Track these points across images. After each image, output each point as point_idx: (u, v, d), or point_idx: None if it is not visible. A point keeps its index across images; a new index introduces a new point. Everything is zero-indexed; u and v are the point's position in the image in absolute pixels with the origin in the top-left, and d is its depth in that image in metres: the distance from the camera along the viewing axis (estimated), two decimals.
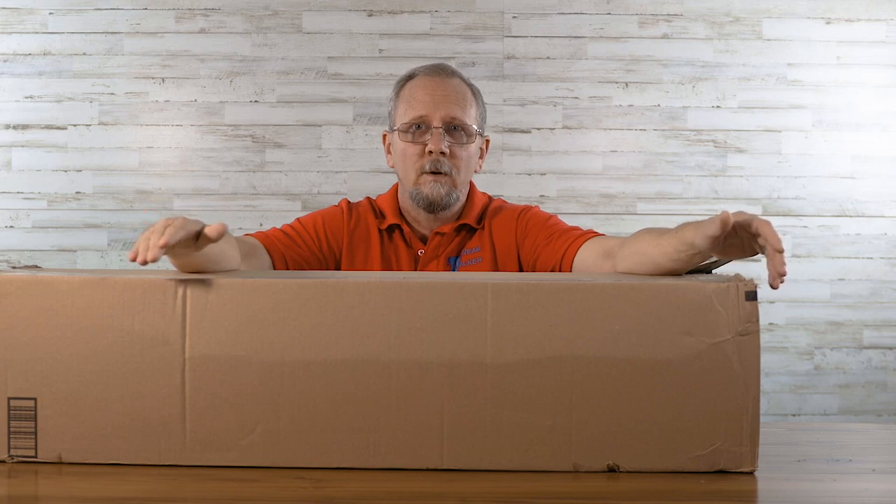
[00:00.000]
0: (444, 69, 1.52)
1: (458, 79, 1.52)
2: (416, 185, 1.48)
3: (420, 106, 1.47)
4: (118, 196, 2.72)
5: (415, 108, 1.48)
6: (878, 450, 1.14)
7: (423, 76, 1.51)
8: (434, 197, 1.46)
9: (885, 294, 2.76)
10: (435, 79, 1.50)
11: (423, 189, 1.47)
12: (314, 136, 2.74)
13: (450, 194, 1.48)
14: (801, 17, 2.75)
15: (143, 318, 0.94)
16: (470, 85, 1.54)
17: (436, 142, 1.45)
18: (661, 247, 1.04)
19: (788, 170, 2.75)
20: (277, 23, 2.73)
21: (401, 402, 0.94)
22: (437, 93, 1.48)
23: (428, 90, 1.48)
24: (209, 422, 0.94)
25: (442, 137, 1.46)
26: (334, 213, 1.54)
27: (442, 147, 1.45)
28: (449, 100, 1.48)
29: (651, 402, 0.93)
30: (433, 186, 1.46)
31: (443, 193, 1.47)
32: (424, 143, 1.47)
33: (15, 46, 2.71)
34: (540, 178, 2.75)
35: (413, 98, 1.49)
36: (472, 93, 1.52)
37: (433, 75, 1.50)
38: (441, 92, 1.48)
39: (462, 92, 1.50)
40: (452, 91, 1.49)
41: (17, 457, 0.96)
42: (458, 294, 0.94)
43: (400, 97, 1.52)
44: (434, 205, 1.48)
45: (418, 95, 1.48)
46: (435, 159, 1.46)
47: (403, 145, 1.49)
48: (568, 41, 2.75)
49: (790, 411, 2.75)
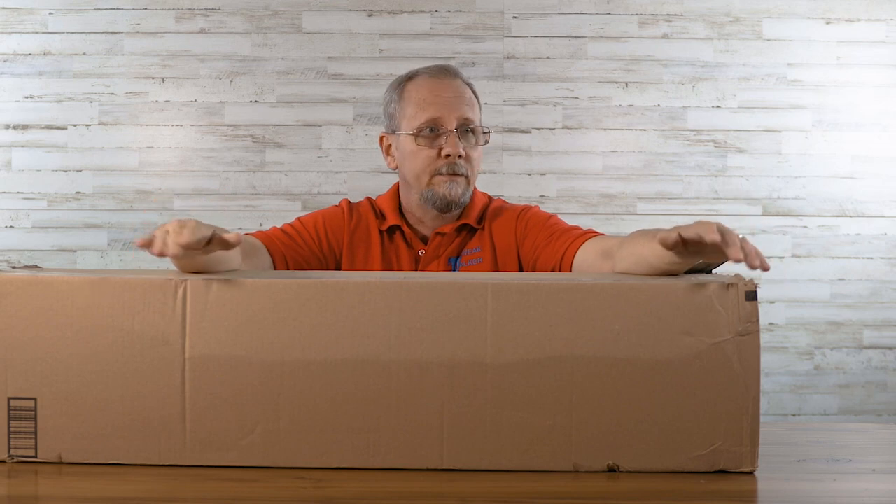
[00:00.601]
0: (447, 70, 1.51)
1: (460, 79, 1.52)
2: (430, 187, 1.47)
3: (432, 108, 1.46)
4: (118, 196, 2.72)
5: (427, 110, 1.46)
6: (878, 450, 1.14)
7: (427, 77, 1.50)
8: (452, 196, 1.46)
9: (885, 294, 2.76)
10: (443, 80, 1.49)
11: (439, 189, 1.46)
12: (314, 136, 2.74)
13: (465, 193, 1.48)
14: (801, 17, 2.75)
15: (143, 318, 0.94)
16: (470, 84, 1.53)
17: (453, 145, 1.45)
18: (654, 249, 1.05)
19: (788, 170, 2.75)
20: (277, 23, 2.73)
21: (401, 402, 0.94)
22: (446, 94, 1.47)
23: (436, 91, 1.47)
24: (209, 422, 0.94)
25: (458, 140, 1.46)
26: (335, 213, 1.54)
27: (460, 150, 1.45)
28: (460, 101, 1.47)
29: (651, 402, 0.93)
30: (450, 186, 1.46)
31: (459, 193, 1.47)
32: (439, 147, 1.46)
33: (15, 46, 2.71)
34: (540, 178, 2.75)
35: (422, 100, 1.47)
36: (472, 92, 1.52)
37: (439, 76, 1.50)
38: (451, 93, 1.47)
39: (469, 93, 1.51)
40: (461, 92, 1.49)
41: (17, 457, 0.96)
42: (458, 294, 0.94)
43: (405, 99, 1.50)
44: (451, 204, 1.47)
45: (427, 97, 1.47)
46: (452, 162, 1.45)
47: (416, 148, 1.47)
48: (568, 41, 2.75)
49: (790, 411, 2.75)
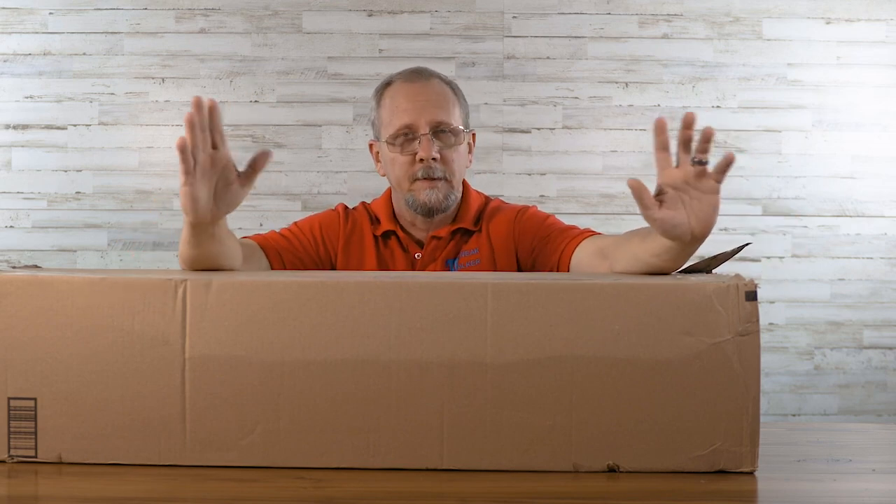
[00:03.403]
0: (421, 72, 1.51)
1: (436, 79, 1.51)
2: (411, 192, 1.47)
3: (404, 114, 1.46)
4: (118, 196, 2.72)
5: (399, 116, 1.46)
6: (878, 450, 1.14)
7: (401, 82, 1.49)
8: (432, 203, 1.46)
9: (885, 294, 2.76)
10: (414, 84, 1.48)
11: (419, 196, 1.46)
12: (314, 136, 2.74)
13: (447, 197, 1.47)
14: (801, 17, 2.75)
15: (143, 318, 0.94)
16: (449, 82, 1.52)
17: (426, 149, 1.44)
18: (648, 246, 1.06)
19: (788, 170, 2.75)
20: (277, 23, 2.73)
21: (401, 402, 0.94)
22: (419, 98, 1.46)
23: (409, 97, 1.47)
24: (209, 422, 0.94)
25: (431, 143, 1.45)
26: (331, 217, 1.54)
27: (432, 153, 1.44)
28: (431, 104, 1.46)
29: (651, 402, 0.93)
30: (429, 193, 1.45)
31: (440, 198, 1.46)
32: (414, 152, 1.45)
33: (15, 46, 2.71)
34: (540, 178, 2.74)
35: (396, 107, 1.47)
36: (452, 91, 1.51)
37: (412, 80, 1.49)
38: (423, 97, 1.46)
39: (443, 93, 1.49)
40: (434, 94, 1.48)
41: (17, 457, 0.96)
42: (458, 294, 0.94)
43: (381, 106, 1.50)
44: (432, 210, 1.47)
45: (400, 104, 1.47)
46: (427, 166, 1.45)
47: (392, 155, 1.47)
48: (568, 41, 2.75)
49: (790, 411, 2.75)
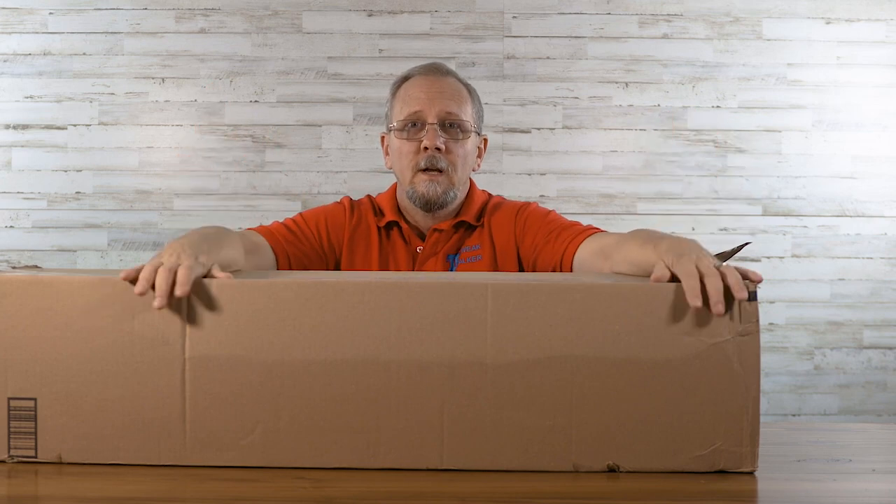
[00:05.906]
0: (438, 68, 1.53)
1: (453, 77, 1.52)
2: (412, 185, 1.47)
3: (415, 102, 1.47)
4: (118, 196, 2.72)
5: (410, 105, 1.48)
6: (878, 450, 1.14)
7: (418, 76, 1.51)
8: (430, 196, 1.46)
9: (885, 294, 2.76)
10: (430, 77, 1.50)
11: (419, 188, 1.46)
12: (314, 136, 2.74)
13: (447, 192, 1.47)
14: (801, 17, 2.75)
15: (143, 318, 0.94)
16: (466, 84, 1.54)
17: (431, 137, 1.45)
18: (646, 256, 1.06)
19: (788, 170, 2.75)
20: (277, 23, 2.73)
21: (401, 402, 0.94)
22: (432, 89, 1.48)
23: (423, 88, 1.49)
24: (209, 422, 0.94)
25: (437, 133, 1.45)
26: (337, 209, 1.55)
27: (437, 143, 1.45)
28: (444, 96, 1.48)
29: (651, 402, 0.93)
30: (428, 186, 1.46)
31: (439, 192, 1.46)
32: (420, 140, 1.46)
33: (15, 46, 2.71)
34: (540, 178, 2.74)
35: (408, 96, 1.49)
36: (467, 91, 1.53)
37: (428, 74, 1.51)
38: (436, 89, 1.48)
39: (457, 89, 1.51)
40: (448, 88, 1.49)
41: (17, 457, 0.96)
42: (457, 294, 0.94)
43: (396, 97, 1.52)
44: (431, 203, 1.47)
45: (413, 93, 1.49)
46: (431, 155, 1.45)
47: (399, 143, 1.49)
48: (568, 41, 2.75)
49: (790, 411, 2.75)
